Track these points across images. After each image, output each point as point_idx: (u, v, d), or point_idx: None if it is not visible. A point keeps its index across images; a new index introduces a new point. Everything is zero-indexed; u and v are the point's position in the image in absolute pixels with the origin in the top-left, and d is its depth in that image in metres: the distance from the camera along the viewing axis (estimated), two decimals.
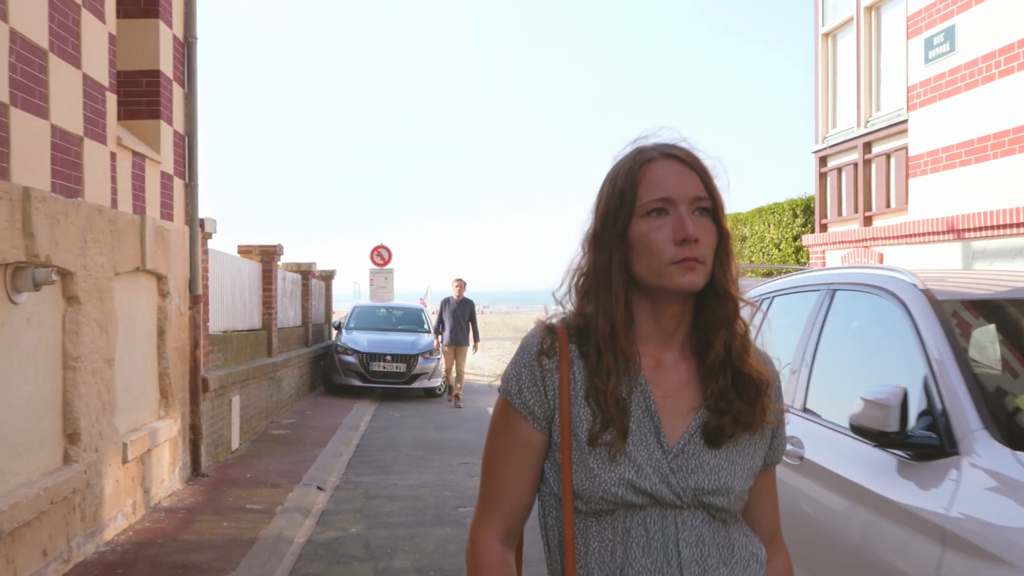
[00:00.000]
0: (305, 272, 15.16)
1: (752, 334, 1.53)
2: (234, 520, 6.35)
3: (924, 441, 2.57)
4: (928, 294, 2.99)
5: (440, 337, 14.34)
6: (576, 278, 1.53)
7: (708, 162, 1.50)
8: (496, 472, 1.52)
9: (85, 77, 5.40)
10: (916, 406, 2.70)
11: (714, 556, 1.45)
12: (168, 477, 7.00)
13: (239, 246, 11.63)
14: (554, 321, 1.54)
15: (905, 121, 8.73)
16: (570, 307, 1.54)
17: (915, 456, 2.60)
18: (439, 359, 14.99)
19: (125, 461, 5.96)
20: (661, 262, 1.43)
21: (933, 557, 2.32)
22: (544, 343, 1.49)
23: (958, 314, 2.98)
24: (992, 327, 3.02)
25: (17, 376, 4.58)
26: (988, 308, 3.11)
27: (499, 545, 1.51)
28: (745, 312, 1.54)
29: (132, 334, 6.32)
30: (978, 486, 2.35)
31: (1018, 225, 6.85)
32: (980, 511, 2.28)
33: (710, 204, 1.47)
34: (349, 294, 30.81)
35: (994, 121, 7.26)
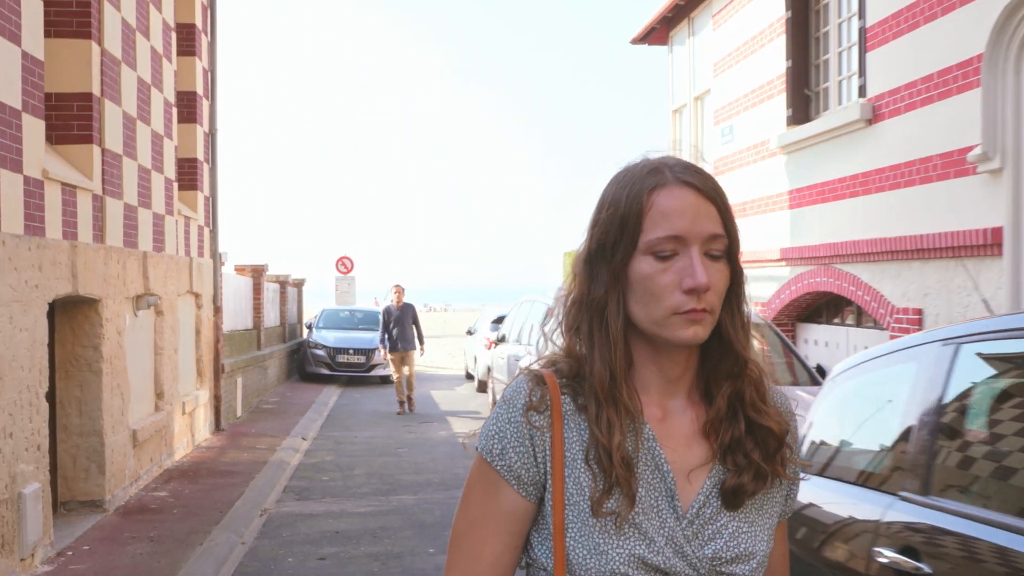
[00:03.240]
0: (283, 282, 18.63)
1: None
2: (250, 453, 9.86)
3: None
4: None
5: (386, 347, 14.10)
6: (566, 309, 1.29)
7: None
8: (472, 544, 1.23)
9: (166, 179, 8.88)
10: None
11: None
12: (203, 428, 10.48)
13: (236, 266, 15.06)
14: (540, 367, 1.28)
15: None
16: (559, 342, 1.29)
17: None
18: None
19: (183, 413, 9.44)
20: (663, 310, 1.19)
21: None
22: (532, 395, 1.23)
23: None
24: None
25: (137, 358, 8.06)
26: None
27: None
28: None
29: (184, 333, 9.79)
30: None
31: (760, 261, 10.60)
32: None
33: (726, 244, 1.21)
34: (314, 291, 34.46)
35: (753, 191, 11.01)
